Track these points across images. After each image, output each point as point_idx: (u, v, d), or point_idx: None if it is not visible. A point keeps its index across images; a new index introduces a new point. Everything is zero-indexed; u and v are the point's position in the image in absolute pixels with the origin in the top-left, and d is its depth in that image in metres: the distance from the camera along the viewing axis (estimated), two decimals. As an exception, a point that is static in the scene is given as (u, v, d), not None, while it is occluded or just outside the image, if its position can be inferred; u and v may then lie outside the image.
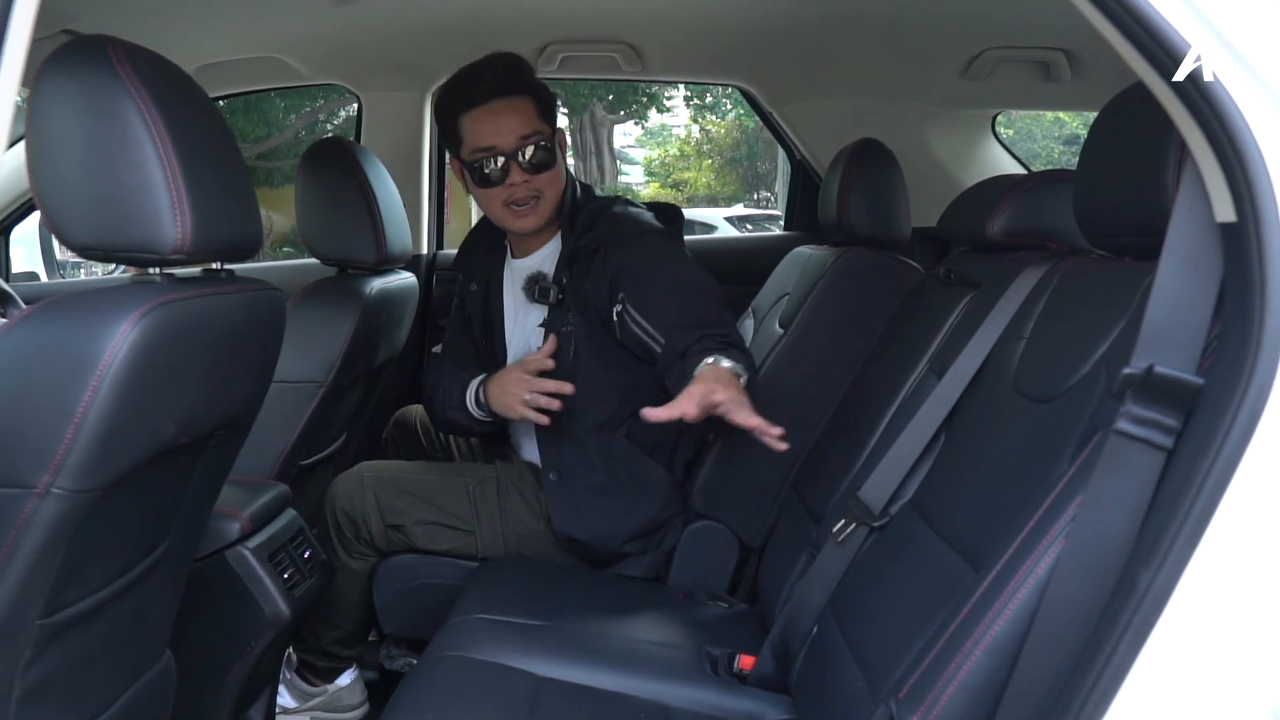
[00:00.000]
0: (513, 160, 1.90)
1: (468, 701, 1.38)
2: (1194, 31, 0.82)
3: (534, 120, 1.91)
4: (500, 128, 1.89)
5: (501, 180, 1.91)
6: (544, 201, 1.94)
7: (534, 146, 1.90)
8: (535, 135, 1.90)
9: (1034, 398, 1.21)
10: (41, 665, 1.16)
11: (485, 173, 1.91)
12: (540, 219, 1.96)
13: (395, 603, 1.96)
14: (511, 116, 1.89)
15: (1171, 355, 0.89)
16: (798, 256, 2.38)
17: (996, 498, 1.15)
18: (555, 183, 1.95)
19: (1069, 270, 1.34)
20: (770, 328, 2.24)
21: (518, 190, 1.92)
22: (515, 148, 1.89)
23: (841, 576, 1.43)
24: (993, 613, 0.95)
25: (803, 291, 2.13)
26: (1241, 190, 0.82)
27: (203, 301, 1.18)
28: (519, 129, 1.89)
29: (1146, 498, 0.88)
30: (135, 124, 1.08)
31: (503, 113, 1.89)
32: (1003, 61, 2.49)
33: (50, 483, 1.03)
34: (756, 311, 2.44)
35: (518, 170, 1.90)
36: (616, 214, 1.93)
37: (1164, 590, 0.79)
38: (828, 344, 2.00)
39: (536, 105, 1.92)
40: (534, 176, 1.91)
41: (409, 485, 1.96)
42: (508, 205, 1.94)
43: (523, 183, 1.91)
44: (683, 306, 1.76)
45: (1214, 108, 0.82)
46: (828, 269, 2.06)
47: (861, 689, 1.20)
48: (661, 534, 1.94)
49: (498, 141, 1.90)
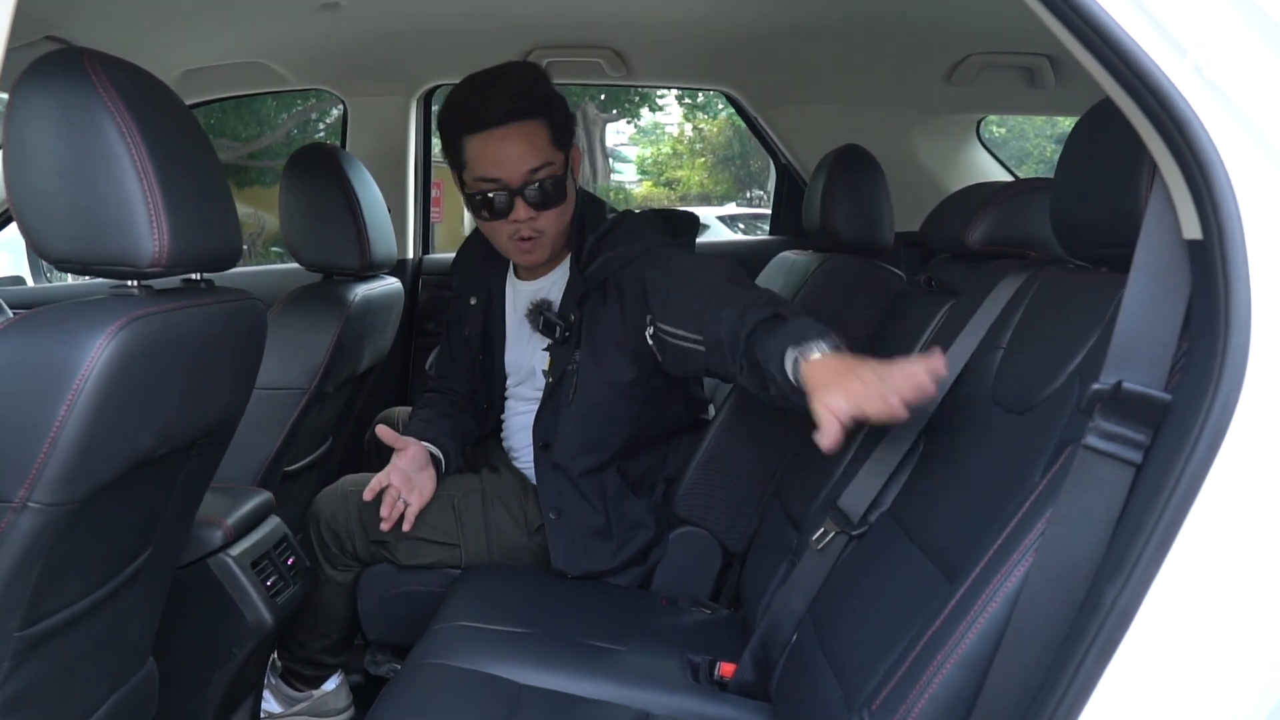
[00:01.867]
0: (518, 196, 1.76)
1: (448, 709, 1.38)
2: (1161, 52, 0.83)
3: (545, 149, 1.75)
4: (508, 157, 1.74)
5: (505, 214, 1.79)
6: (548, 236, 1.83)
7: (541, 181, 1.76)
8: (545, 168, 1.75)
9: (1010, 408, 1.22)
10: (20, 676, 1.16)
11: (488, 205, 1.79)
12: (545, 253, 1.85)
13: (379, 609, 1.96)
14: (521, 145, 1.74)
15: (1140, 371, 0.90)
16: (782, 261, 2.39)
17: (972, 508, 1.16)
18: (561, 218, 1.82)
19: (1046, 280, 1.34)
20: None
21: (522, 227, 1.80)
22: (523, 182, 1.76)
23: (821, 585, 1.43)
24: (964, 625, 0.96)
25: (787, 297, 2.13)
26: (1207, 208, 0.82)
27: (180, 314, 1.18)
28: (528, 160, 1.74)
29: (1115, 513, 0.88)
30: (112, 136, 1.08)
31: (512, 140, 1.74)
32: (987, 67, 2.50)
33: (27, 497, 1.03)
34: None
35: (523, 206, 1.77)
36: (624, 233, 1.83)
37: (1129, 607, 0.80)
38: None
39: (550, 129, 1.76)
40: (540, 213, 1.78)
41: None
42: (512, 239, 1.83)
43: (528, 219, 1.78)
44: (707, 297, 1.57)
45: (1180, 127, 0.83)
46: (810, 275, 2.06)
47: (838, 699, 1.20)
48: (647, 553, 1.94)
49: (503, 174, 1.75)
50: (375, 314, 2.20)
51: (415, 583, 1.92)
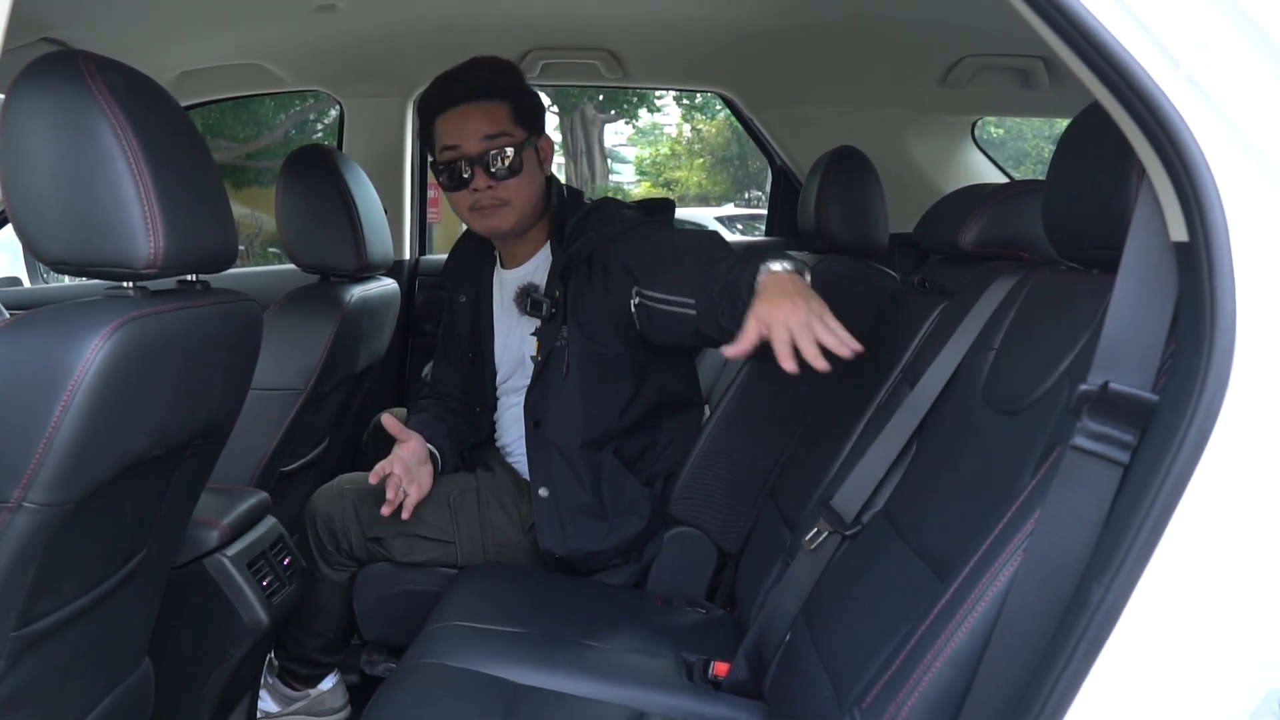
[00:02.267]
0: (477, 164, 1.87)
1: (443, 709, 1.39)
2: (1148, 57, 0.83)
3: (504, 123, 1.88)
4: (466, 129, 1.87)
5: (466, 184, 1.89)
6: (510, 207, 1.91)
7: (499, 150, 1.87)
8: (502, 138, 1.87)
9: (1002, 409, 1.23)
10: (16, 676, 1.17)
11: (450, 173, 1.90)
12: (504, 221, 1.93)
13: (375, 609, 1.96)
14: (479, 119, 1.87)
15: (1128, 372, 0.91)
16: None
17: (963, 508, 1.17)
18: (523, 190, 1.91)
19: (1038, 282, 1.35)
20: None
21: (482, 196, 1.89)
22: (480, 150, 1.87)
23: (814, 584, 1.44)
24: (953, 624, 0.96)
25: None
26: (1193, 210, 0.83)
27: (176, 315, 1.19)
28: (484, 129, 1.87)
29: (1102, 513, 0.89)
30: (108, 139, 1.08)
31: (471, 115, 1.87)
32: (981, 69, 2.51)
33: (22, 497, 1.04)
34: None
35: (481, 175, 1.88)
36: (605, 215, 1.91)
37: (1115, 606, 0.81)
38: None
39: (512, 110, 1.89)
40: (498, 182, 1.88)
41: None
42: (472, 210, 1.93)
43: (486, 188, 1.88)
44: (697, 262, 1.63)
45: (1166, 130, 0.83)
46: None
47: (830, 698, 1.21)
48: (642, 548, 1.95)
49: (462, 142, 1.88)
50: (372, 315, 2.21)
51: (411, 582, 1.93)
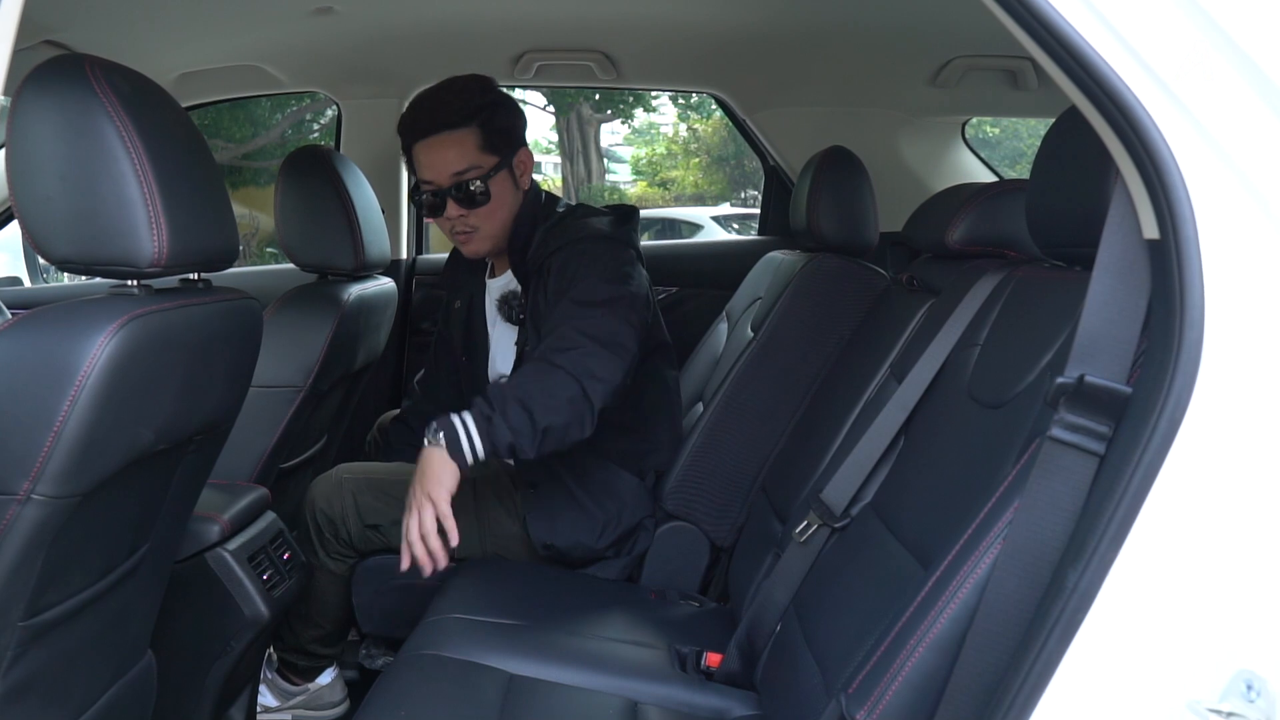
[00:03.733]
0: (449, 196, 1.94)
1: (441, 699, 1.41)
2: (1119, 58, 0.86)
3: (472, 154, 1.93)
4: (435, 163, 1.93)
5: (439, 213, 1.97)
6: (482, 233, 1.98)
7: (467, 184, 1.93)
8: (470, 171, 1.92)
9: (986, 403, 1.26)
10: (23, 666, 1.19)
11: (427, 204, 1.98)
12: (481, 246, 2.01)
13: (374, 602, 1.99)
14: (449, 151, 1.92)
15: (1103, 365, 0.94)
16: (770, 261, 2.42)
17: (947, 500, 1.19)
18: (494, 216, 1.97)
19: (1022, 279, 1.38)
20: (743, 331, 2.29)
21: (455, 224, 1.97)
22: (450, 184, 1.93)
23: (804, 576, 1.47)
24: (935, 611, 0.99)
25: (773, 296, 2.17)
26: (1163, 208, 0.86)
27: (179, 312, 1.21)
28: (454, 165, 1.92)
29: (1079, 501, 0.92)
30: (113, 141, 1.11)
31: (440, 148, 1.93)
32: (971, 70, 2.53)
33: (31, 489, 1.06)
34: (730, 315, 2.48)
35: (452, 205, 1.95)
36: (566, 226, 1.96)
37: (1090, 589, 0.83)
38: (794, 348, 2.05)
39: (481, 137, 1.93)
40: (469, 211, 1.95)
41: (386, 486, 1.99)
42: (452, 234, 2.01)
43: (458, 217, 1.96)
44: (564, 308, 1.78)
45: (1136, 130, 0.86)
46: (796, 274, 2.10)
47: (818, 685, 1.24)
48: (634, 539, 1.98)
49: (433, 176, 1.95)
50: (370, 313, 2.23)
51: (409, 576, 1.95)
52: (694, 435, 2.03)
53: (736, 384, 2.04)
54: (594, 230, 1.94)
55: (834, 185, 2.14)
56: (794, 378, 2.04)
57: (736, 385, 2.04)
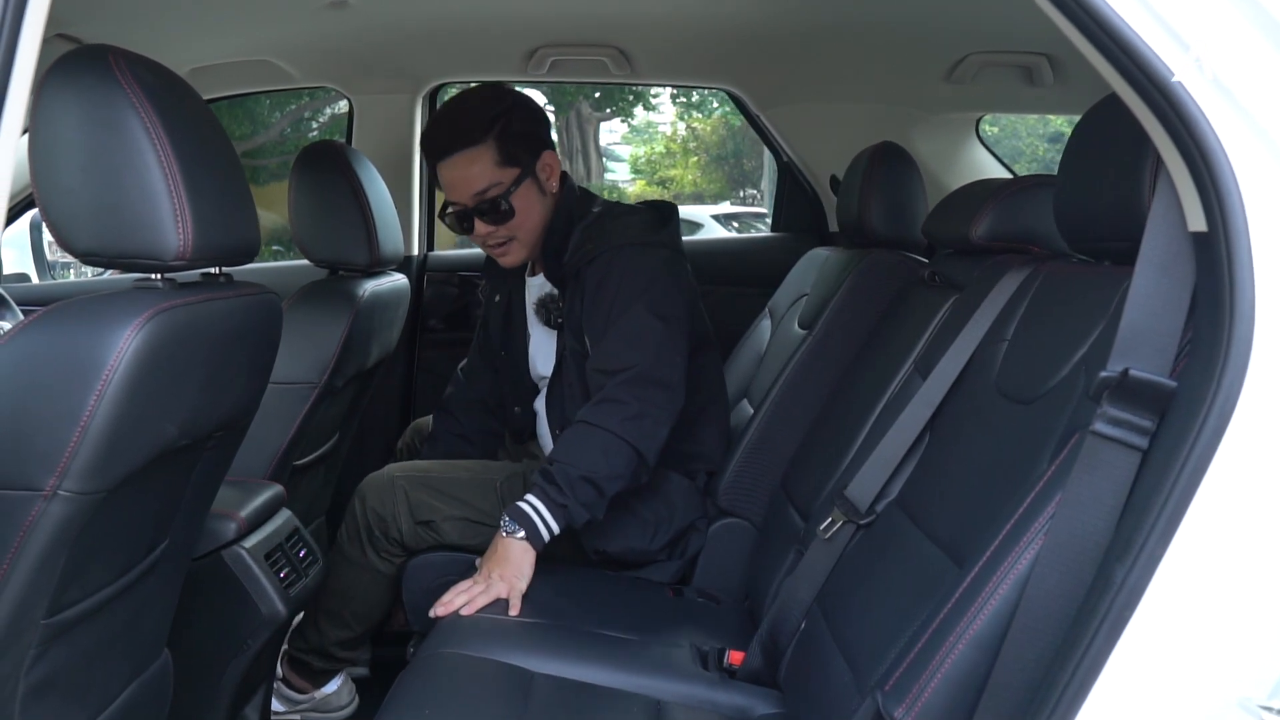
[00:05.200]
0: (474, 214, 1.94)
1: (464, 697, 1.41)
2: (1165, 47, 0.85)
3: (490, 171, 1.91)
4: (456, 183, 1.93)
5: (470, 230, 1.97)
6: (518, 242, 1.98)
7: (491, 201, 1.92)
8: (491, 189, 1.91)
9: (1015, 399, 1.25)
10: (45, 664, 1.18)
11: (456, 222, 1.98)
12: (519, 257, 2.00)
13: (425, 600, 1.95)
14: (468, 171, 1.91)
15: (1146, 359, 0.93)
16: (815, 257, 2.43)
17: (979, 496, 1.18)
18: (524, 225, 1.96)
19: (1050, 274, 1.37)
20: (789, 328, 2.29)
21: (486, 239, 1.97)
22: (474, 203, 1.93)
23: (829, 573, 1.46)
24: (975, 607, 0.98)
25: (822, 292, 2.17)
26: (1211, 201, 0.85)
27: (203, 306, 1.20)
28: (474, 184, 1.91)
29: (1122, 497, 0.91)
30: (137, 133, 1.10)
31: (458, 168, 1.92)
32: (986, 66, 2.52)
33: (57, 485, 1.05)
34: (774, 312, 2.49)
35: (479, 223, 1.95)
36: (603, 228, 1.94)
37: (1138, 585, 0.83)
38: (852, 344, 2.02)
39: (498, 151, 1.91)
40: (498, 227, 1.95)
41: (438, 483, 1.97)
42: (488, 247, 2.01)
43: (488, 233, 1.96)
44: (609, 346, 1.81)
45: (1184, 120, 0.85)
46: (850, 272, 2.09)
47: (849, 683, 1.23)
48: (686, 541, 1.96)
49: (457, 197, 1.95)
50: (384, 310, 2.22)
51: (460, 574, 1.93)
52: (748, 433, 2.01)
53: (791, 381, 2.03)
54: (631, 236, 1.92)
55: (886, 180, 2.13)
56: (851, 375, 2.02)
57: (791, 382, 2.03)
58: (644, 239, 1.92)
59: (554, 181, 1.99)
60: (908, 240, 2.15)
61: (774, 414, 2.02)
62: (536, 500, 1.71)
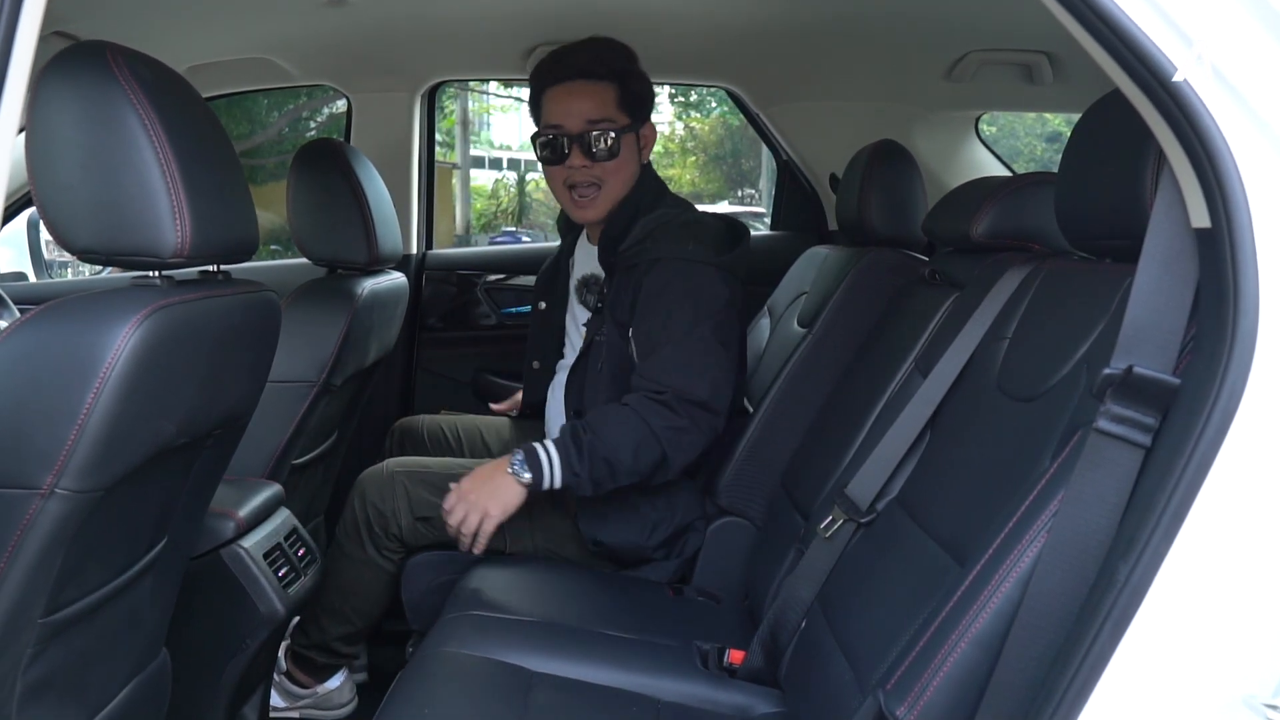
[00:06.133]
0: (576, 143, 1.91)
1: (463, 696, 1.40)
2: (1169, 41, 0.85)
3: (608, 107, 1.91)
4: (570, 109, 1.91)
5: (562, 160, 1.93)
6: (604, 192, 1.95)
7: (599, 133, 1.90)
8: (604, 122, 1.91)
9: (1017, 397, 1.24)
10: (43, 663, 1.18)
11: (549, 147, 1.94)
12: (599, 213, 1.96)
13: (424, 599, 1.95)
14: (585, 100, 1.91)
15: (1150, 356, 0.92)
16: (814, 256, 2.43)
17: (980, 494, 1.18)
18: (618, 174, 1.94)
19: (1051, 272, 1.37)
20: (788, 326, 2.29)
21: (576, 174, 1.93)
22: (581, 131, 1.91)
23: (829, 572, 1.46)
24: (977, 606, 0.98)
25: (821, 290, 2.17)
26: (1215, 197, 0.85)
27: (201, 304, 1.20)
28: (588, 113, 1.90)
29: (1125, 494, 0.91)
30: (135, 130, 1.09)
31: (578, 94, 1.91)
32: (986, 64, 2.51)
33: (54, 483, 1.05)
34: (773, 310, 2.48)
35: (579, 154, 1.92)
36: (670, 229, 1.91)
37: (1142, 583, 0.82)
38: (852, 342, 2.02)
39: (619, 94, 1.92)
40: (594, 164, 1.92)
41: (438, 479, 1.95)
42: (569, 188, 1.96)
43: (581, 167, 1.92)
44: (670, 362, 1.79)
45: (1188, 115, 0.85)
46: (850, 270, 2.09)
47: (850, 681, 1.22)
48: (684, 540, 1.95)
49: (565, 121, 1.92)
50: (382, 308, 2.22)
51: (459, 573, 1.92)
52: (748, 431, 2.01)
53: (791, 380, 2.03)
54: (705, 254, 1.89)
55: (886, 178, 2.13)
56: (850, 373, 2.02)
57: (791, 381, 2.03)
58: (717, 261, 1.89)
59: (648, 153, 2.01)
60: (907, 238, 2.14)
61: (774, 413, 2.01)
62: (555, 455, 1.73)
